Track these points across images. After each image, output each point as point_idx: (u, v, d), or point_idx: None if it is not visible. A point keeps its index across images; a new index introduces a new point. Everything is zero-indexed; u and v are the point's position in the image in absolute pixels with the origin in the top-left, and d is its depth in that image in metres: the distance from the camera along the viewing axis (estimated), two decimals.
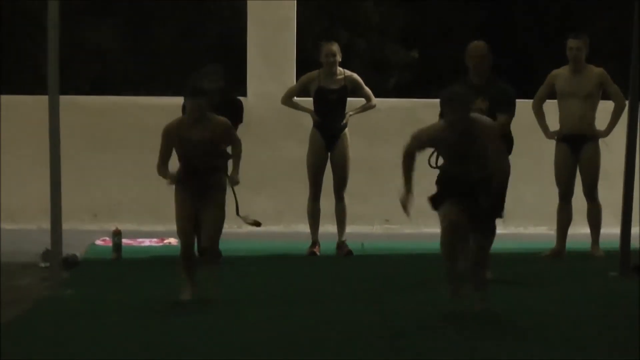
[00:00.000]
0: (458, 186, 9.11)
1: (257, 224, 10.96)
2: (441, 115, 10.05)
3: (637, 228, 12.97)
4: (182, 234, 10.34)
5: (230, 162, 10.86)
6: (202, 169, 10.27)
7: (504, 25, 25.57)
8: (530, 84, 17.35)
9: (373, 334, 9.18)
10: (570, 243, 12.75)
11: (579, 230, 13.19)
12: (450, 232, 9.04)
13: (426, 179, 10.12)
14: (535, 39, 21.28)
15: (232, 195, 10.89)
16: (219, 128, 10.30)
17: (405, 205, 8.95)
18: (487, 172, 9.10)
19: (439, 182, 9.34)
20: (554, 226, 12.88)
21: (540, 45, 20.42)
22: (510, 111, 10.71)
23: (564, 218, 12.75)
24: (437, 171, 9.54)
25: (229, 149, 10.93)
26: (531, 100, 14.72)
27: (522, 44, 25.76)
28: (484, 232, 9.07)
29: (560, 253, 12.67)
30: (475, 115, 8.94)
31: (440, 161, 9.64)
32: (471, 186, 9.01)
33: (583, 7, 22.41)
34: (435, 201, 9.19)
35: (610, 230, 12.47)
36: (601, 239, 12.75)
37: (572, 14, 21.45)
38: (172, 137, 10.20)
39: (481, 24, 25.78)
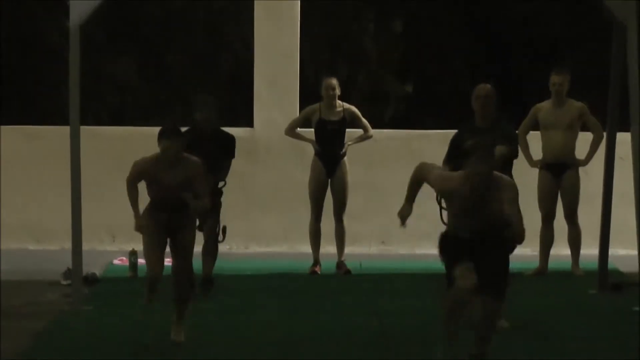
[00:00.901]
0: (468, 245, 8.53)
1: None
2: (448, 159, 10.24)
3: (615, 249, 13.51)
4: (150, 271, 10.36)
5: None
6: (171, 208, 10.30)
7: (496, 58, 25.41)
8: (520, 114, 16.95)
9: (369, 341, 9.95)
10: (552, 263, 13.27)
11: (561, 251, 13.63)
12: (462, 300, 8.54)
13: (426, 205, 10.37)
14: (525, 71, 21.07)
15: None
16: (193, 170, 10.24)
17: (403, 216, 8.64)
18: (497, 231, 8.46)
19: (446, 237, 8.76)
20: (537, 247, 13.24)
21: (529, 75, 20.34)
22: (514, 149, 10.66)
23: (547, 239, 13.30)
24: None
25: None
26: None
27: (512, 74, 24.50)
28: (496, 294, 8.44)
29: (542, 272, 13.19)
30: (496, 173, 8.35)
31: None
32: (481, 246, 8.48)
33: (568, 38, 22.96)
34: (446, 251, 8.64)
35: (590, 251, 12.83)
36: (581, 259, 13.26)
37: (558, 46, 21.96)
38: (142, 174, 10.27)
39: (473, 58, 25.39)
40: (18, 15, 25.72)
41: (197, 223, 11.11)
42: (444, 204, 9.04)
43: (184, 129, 10.55)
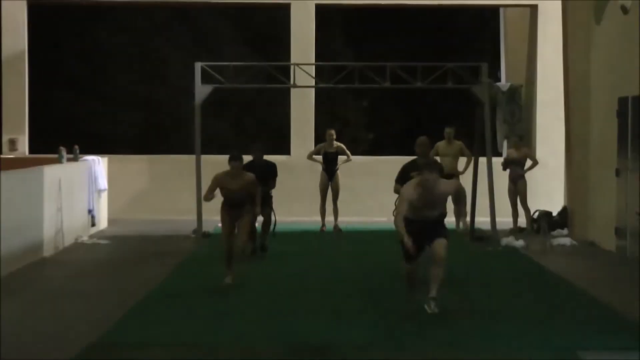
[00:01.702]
0: (419, 225, 9.31)
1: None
2: (399, 180, 10.91)
3: (481, 218, 16.15)
4: (224, 241, 11.16)
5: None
6: (235, 205, 11.07)
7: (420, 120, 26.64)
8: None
9: (352, 274, 12.50)
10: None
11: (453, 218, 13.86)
12: (410, 274, 9.73)
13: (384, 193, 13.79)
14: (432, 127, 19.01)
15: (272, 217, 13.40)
16: (248, 181, 10.96)
17: (409, 245, 9.15)
18: (440, 213, 9.55)
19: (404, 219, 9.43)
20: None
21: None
22: (441, 171, 10.25)
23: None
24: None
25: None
26: None
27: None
28: (441, 248, 9.30)
29: None
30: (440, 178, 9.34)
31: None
32: (430, 224, 9.37)
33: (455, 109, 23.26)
34: (406, 252, 9.46)
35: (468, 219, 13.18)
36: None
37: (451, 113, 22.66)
38: (218, 182, 10.93)
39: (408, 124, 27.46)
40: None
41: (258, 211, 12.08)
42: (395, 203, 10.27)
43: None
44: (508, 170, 16.91)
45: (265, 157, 14.11)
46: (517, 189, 16.74)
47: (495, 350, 8.14)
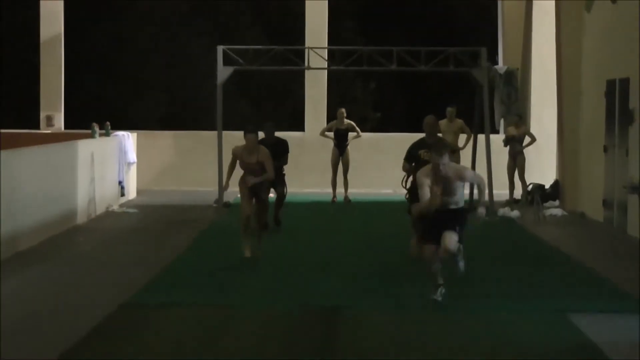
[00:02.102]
0: (437, 215, 8.35)
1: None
2: (407, 160, 10.40)
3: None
4: (243, 210, 10.82)
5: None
6: (253, 176, 10.72)
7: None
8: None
9: (360, 241, 12.64)
10: None
11: None
12: (431, 255, 8.34)
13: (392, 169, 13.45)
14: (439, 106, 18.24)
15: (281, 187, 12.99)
16: (263, 154, 10.68)
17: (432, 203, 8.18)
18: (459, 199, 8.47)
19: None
20: None
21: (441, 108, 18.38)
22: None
23: None
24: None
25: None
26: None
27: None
28: (450, 242, 8.21)
29: None
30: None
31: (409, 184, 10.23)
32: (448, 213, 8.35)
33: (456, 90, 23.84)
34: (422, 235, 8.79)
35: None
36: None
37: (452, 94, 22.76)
38: (236, 155, 10.75)
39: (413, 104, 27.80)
40: None
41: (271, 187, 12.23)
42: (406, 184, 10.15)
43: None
44: (508, 147, 17.01)
45: (280, 134, 13.85)
46: (517, 164, 16.84)
47: (489, 313, 8.16)
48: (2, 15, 25.52)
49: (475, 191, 11.24)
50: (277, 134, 13.41)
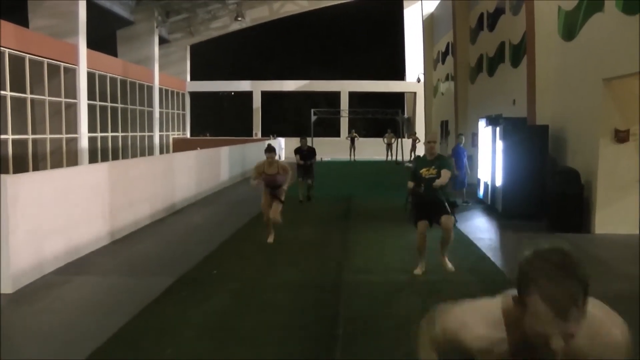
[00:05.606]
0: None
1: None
2: (411, 178, 9.53)
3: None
4: (264, 211, 11.52)
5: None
6: (272, 185, 11.40)
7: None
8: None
9: (362, 175, 21.87)
10: None
11: None
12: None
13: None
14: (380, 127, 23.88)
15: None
16: (281, 167, 11.21)
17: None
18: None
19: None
20: None
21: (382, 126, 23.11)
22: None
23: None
24: None
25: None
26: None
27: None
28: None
29: None
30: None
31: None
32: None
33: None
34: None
35: None
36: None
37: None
38: (259, 168, 11.19)
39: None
40: None
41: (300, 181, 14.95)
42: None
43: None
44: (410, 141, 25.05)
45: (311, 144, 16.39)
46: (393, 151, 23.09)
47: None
48: None
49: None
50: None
